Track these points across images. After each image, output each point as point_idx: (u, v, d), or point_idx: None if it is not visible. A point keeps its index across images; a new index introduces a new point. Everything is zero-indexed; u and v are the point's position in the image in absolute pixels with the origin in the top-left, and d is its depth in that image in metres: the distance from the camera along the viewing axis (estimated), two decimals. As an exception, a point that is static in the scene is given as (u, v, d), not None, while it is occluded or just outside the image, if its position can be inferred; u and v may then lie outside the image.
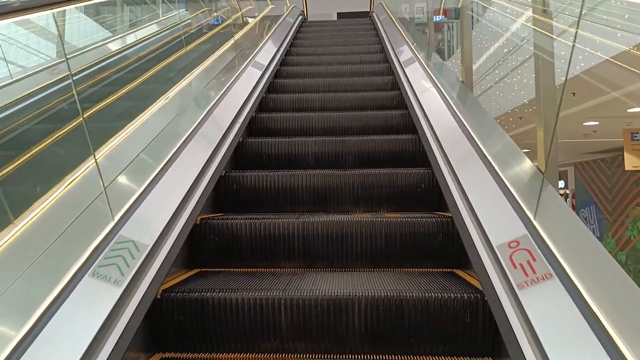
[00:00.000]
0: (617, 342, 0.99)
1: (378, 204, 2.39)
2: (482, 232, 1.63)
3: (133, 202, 1.67)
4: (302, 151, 2.80)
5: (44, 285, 1.23)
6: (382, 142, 2.80)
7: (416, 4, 5.61)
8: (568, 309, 1.14)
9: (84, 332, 1.16)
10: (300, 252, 1.97)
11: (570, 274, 1.20)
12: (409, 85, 3.45)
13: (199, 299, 1.52)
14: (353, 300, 1.49)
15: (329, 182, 2.40)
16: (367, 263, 1.96)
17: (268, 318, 1.50)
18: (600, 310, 1.07)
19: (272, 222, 1.98)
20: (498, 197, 1.71)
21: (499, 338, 1.35)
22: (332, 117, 3.24)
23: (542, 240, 1.36)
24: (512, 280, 1.34)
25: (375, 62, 4.86)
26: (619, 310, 1.10)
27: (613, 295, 1.16)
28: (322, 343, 1.50)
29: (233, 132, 2.76)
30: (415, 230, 1.94)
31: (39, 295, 1.18)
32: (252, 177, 2.42)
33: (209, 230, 1.98)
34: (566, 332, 1.12)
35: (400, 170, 2.40)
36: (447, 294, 1.48)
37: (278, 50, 4.96)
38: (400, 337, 1.48)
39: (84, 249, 1.38)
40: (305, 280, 1.71)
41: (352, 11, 14.11)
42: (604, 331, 1.02)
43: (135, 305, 1.36)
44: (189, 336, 1.52)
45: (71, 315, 1.19)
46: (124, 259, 1.46)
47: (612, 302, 1.13)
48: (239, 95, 3.23)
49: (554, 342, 1.10)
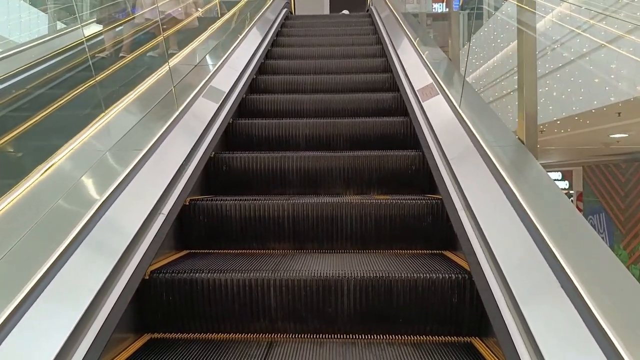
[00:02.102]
0: (600, 321, 1.00)
1: (368, 186, 2.38)
2: (471, 214, 1.64)
3: (120, 182, 1.65)
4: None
5: (27, 266, 1.21)
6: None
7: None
8: (554, 288, 1.15)
9: (71, 312, 1.16)
10: (290, 233, 1.96)
11: (557, 255, 1.21)
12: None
13: (188, 280, 1.51)
14: (342, 281, 1.50)
15: (320, 164, 2.39)
16: (357, 244, 1.96)
17: (257, 299, 1.50)
18: (586, 291, 1.08)
19: (262, 204, 1.97)
20: (488, 179, 1.71)
21: (485, 318, 1.36)
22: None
23: (529, 221, 1.37)
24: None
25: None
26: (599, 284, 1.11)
27: (596, 270, 1.18)
28: (312, 323, 1.50)
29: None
30: (405, 212, 1.95)
31: (23, 276, 1.17)
32: (242, 158, 2.40)
33: (198, 211, 1.97)
34: (551, 310, 1.13)
35: (391, 153, 2.40)
36: (435, 275, 1.49)
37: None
38: (388, 317, 1.49)
39: (70, 229, 1.36)
40: (295, 261, 1.71)
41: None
42: (587, 310, 1.04)
43: (122, 285, 1.35)
44: (178, 317, 1.52)
45: (57, 295, 1.18)
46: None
47: (593, 275, 1.14)
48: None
49: (539, 321, 1.11)
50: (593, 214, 7.88)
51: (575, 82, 4.97)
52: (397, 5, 5.63)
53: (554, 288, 1.15)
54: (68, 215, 1.47)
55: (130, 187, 1.67)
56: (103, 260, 1.37)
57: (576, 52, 4.52)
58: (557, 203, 1.52)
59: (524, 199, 1.47)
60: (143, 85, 2.52)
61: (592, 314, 1.02)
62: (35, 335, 1.07)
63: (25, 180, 1.51)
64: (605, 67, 4.26)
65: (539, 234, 1.30)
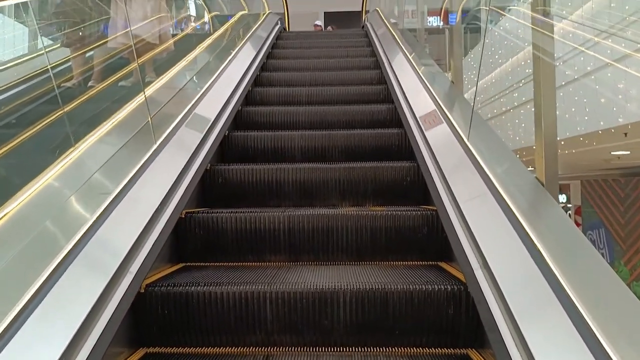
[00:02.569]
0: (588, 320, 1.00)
1: (364, 198, 2.39)
2: (466, 225, 1.65)
3: (116, 195, 1.65)
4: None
5: (22, 279, 1.21)
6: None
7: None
8: (549, 298, 1.16)
9: (66, 326, 1.15)
10: (285, 245, 1.96)
11: (552, 266, 1.22)
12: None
13: (184, 293, 1.51)
14: (338, 293, 1.50)
15: (315, 176, 2.40)
16: (353, 256, 1.96)
17: (253, 311, 1.50)
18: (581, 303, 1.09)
19: (258, 216, 1.97)
20: (482, 190, 1.73)
21: (481, 329, 1.37)
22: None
23: (522, 228, 1.38)
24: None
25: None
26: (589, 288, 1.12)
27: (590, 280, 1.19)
28: (307, 335, 1.50)
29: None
30: (400, 224, 1.96)
31: (17, 291, 1.16)
32: (238, 170, 2.41)
33: (194, 224, 1.97)
34: (547, 321, 1.14)
35: (386, 164, 2.41)
36: (431, 286, 1.50)
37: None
38: (384, 329, 1.49)
39: (65, 244, 1.36)
40: (291, 274, 1.71)
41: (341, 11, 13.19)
42: (584, 322, 1.04)
43: (118, 299, 1.34)
44: (174, 331, 1.51)
45: (53, 309, 1.17)
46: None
47: (588, 286, 1.15)
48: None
49: (535, 332, 1.12)
50: (592, 229, 7.71)
51: (579, 102, 4.82)
52: (394, 20, 5.28)
53: (550, 299, 1.16)
54: (62, 228, 1.46)
55: (125, 200, 1.67)
56: (98, 274, 1.36)
57: (580, 71, 4.38)
58: (553, 216, 1.52)
59: (518, 210, 1.48)
60: (130, 105, 2.41)
61: (588, 326, 1.02)
62: (29, 351, 1.07)
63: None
64: (612, 87, 4.14)
65: (534, 245, 1.31)
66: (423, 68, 3.37)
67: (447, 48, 4.30)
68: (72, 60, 3.09)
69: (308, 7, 12.80)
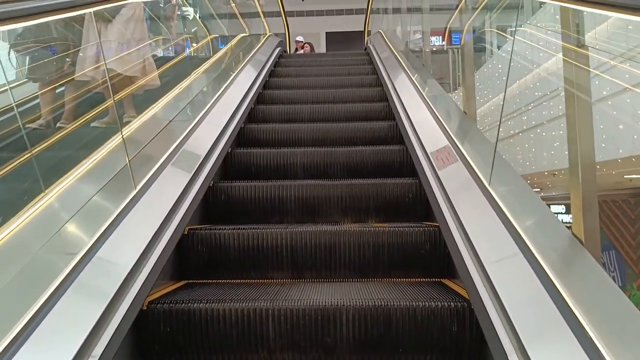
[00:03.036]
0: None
1: (366, 214, 2.39)
2: (469, 241, 1.65)
3: (120, 212, 1.66)
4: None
5: (25, 296, 1.21)
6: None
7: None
8: (554, 316, 1.15)
9: (68, 344, 1.15)
10: (288, 262, 1.96)
11: (556, 283, 1.22)
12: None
13: (186, 310, 1.51)
14: (341, 310, 1.49)
15: (318, 193, 2.40)
16: (356, 273, 1.96)
17: (256, 328, 1.49)
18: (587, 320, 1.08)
19: (261, 233, 1.97)
20: (484, 206, 1.73)
21: (485, 347, 1.36)
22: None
23: (523, 243, 1.38)
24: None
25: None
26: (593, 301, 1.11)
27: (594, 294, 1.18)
28: (310, 353, 1.49)
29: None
30: (402, 240, 1.95)
31: (19, 308, 1.16)
32: (241, 187, 2.42)
33: (197, 240, 1.97)
34: (550, 335, 1.13)
35: (388, 181, 2.42)
36: (435, 303, 1.49)
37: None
38: (388, 347, 1.48)
39: (68, 262, 1.36)
40: (294, 290, 1.70)
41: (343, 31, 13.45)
42: (588, 339, 1.04)
43: (120, 316, 1.34)
44: (176, 348, 1.50)
45: (54, 328, 1.17)
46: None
47: (592, 300, 1.14)
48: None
49: (539, 349, 1.11)
50: (603, 251, 7.31)
51: (596, 128, 4.59)
52: (397, 42, 4.92)
53: (553, 315, 1.15)
54: (65, 246, 1.47)
55: (129, 217, 1.68)
56: (101, 290, 1.36)
57: (595, 96, 4.10)
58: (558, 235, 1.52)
59: (520, 226, 1.48)
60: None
61: (592, 342, 1.02)
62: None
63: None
64: (633, 114, 3.85)
65: (537, 262, 1.31)
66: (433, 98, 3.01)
67: (451, 69, 4.15)
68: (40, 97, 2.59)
69: (309, 28, 13.07)
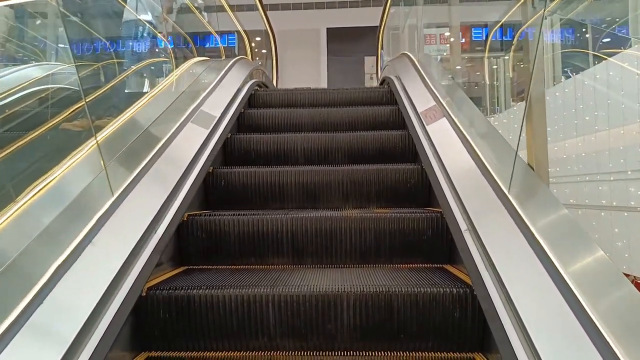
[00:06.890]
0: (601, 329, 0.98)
1: (367, 200, 2.37)
2: (472, 226, 1.63)
3: (117, 197, 1.63)
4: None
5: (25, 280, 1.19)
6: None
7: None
8: (558, 301, 1.13)
9: (65, 329, 1.13)
10: (289, 248, 1.94)
11: (559, 268, 1.20)
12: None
13: (185, 297, 1.49)
14: (342, 296, 1.47)
15: (318, 178, 2.38)
16: (357, 259, 1.94)
17: (256, 315, 1.48)
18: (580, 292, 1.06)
19: (261, 218, 1.95)
20: (488, 191, 1.70)
21: (488, 333, 1.34)
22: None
23: (530, 234, 1.36)
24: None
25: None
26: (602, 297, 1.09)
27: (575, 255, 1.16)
28: (311, 340, 1.48)
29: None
30: (404, 226, 1.93)
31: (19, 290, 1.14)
32: (241, 173, 2.39)
33: (196, 226, 1.95)
34: (554, 321, 1.11)
35: (389, 166, 2.39)
36: (437, 289, 1.47)
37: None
38: (389, 333, 1.47)
39: (66, 247, 1.34)
40: (294, 277, 1.69)
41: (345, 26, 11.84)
42: (590, 323, 1.02)
43: (119, 302, 1.33)
44: (175, 334, 1.49)
45: (52, 311, 1.15)
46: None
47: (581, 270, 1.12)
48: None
49: (542, 334, 1.09)
50: None
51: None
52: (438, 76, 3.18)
53: (557, 299, 1.14)
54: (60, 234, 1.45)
55: (127, 202, 1.66)
56: (99, 276, 1.34)
57: None
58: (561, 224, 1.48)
59: (525, 214, 1.46)
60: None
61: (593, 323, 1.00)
62: (29, 353, 1.05)
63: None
64: None
65: (542, 248, 1.29)
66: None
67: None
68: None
69: (307, 24, 11.41)
